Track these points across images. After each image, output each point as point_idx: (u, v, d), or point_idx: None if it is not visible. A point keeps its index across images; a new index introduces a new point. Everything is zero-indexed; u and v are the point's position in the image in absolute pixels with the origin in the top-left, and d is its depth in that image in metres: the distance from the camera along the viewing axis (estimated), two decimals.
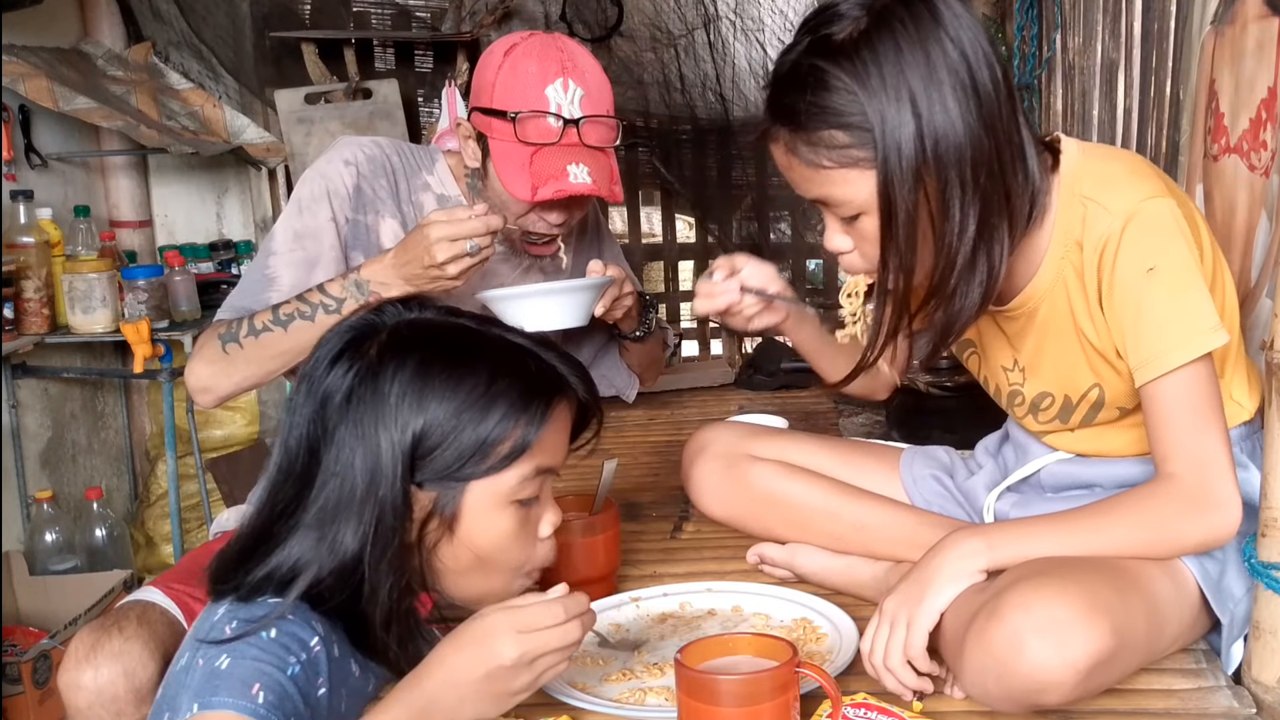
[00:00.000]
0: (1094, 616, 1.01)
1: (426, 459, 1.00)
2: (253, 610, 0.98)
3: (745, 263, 1.38)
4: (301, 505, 0.99)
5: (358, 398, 0.99)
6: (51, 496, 2.75)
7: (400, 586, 1.00)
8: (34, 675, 2.39)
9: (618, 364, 1.98)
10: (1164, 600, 1.12)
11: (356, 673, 1.05)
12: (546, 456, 1.05)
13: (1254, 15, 1.48)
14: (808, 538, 1.43)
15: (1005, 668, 1.01)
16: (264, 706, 0.92)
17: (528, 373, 1.04)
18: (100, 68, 3.07)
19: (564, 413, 1.07)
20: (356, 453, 0.98)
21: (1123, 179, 1.16)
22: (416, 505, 1.01)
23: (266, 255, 1.64)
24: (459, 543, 1.03)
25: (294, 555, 0.98)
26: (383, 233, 1.69)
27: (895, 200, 1.10)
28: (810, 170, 1.13)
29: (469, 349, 1.04)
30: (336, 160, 1.67)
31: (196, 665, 0.95)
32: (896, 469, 1.49)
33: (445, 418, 0.99)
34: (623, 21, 3.53)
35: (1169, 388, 1.12)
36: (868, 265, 1.19)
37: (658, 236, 4.12)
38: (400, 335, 1.03)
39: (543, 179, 1.54)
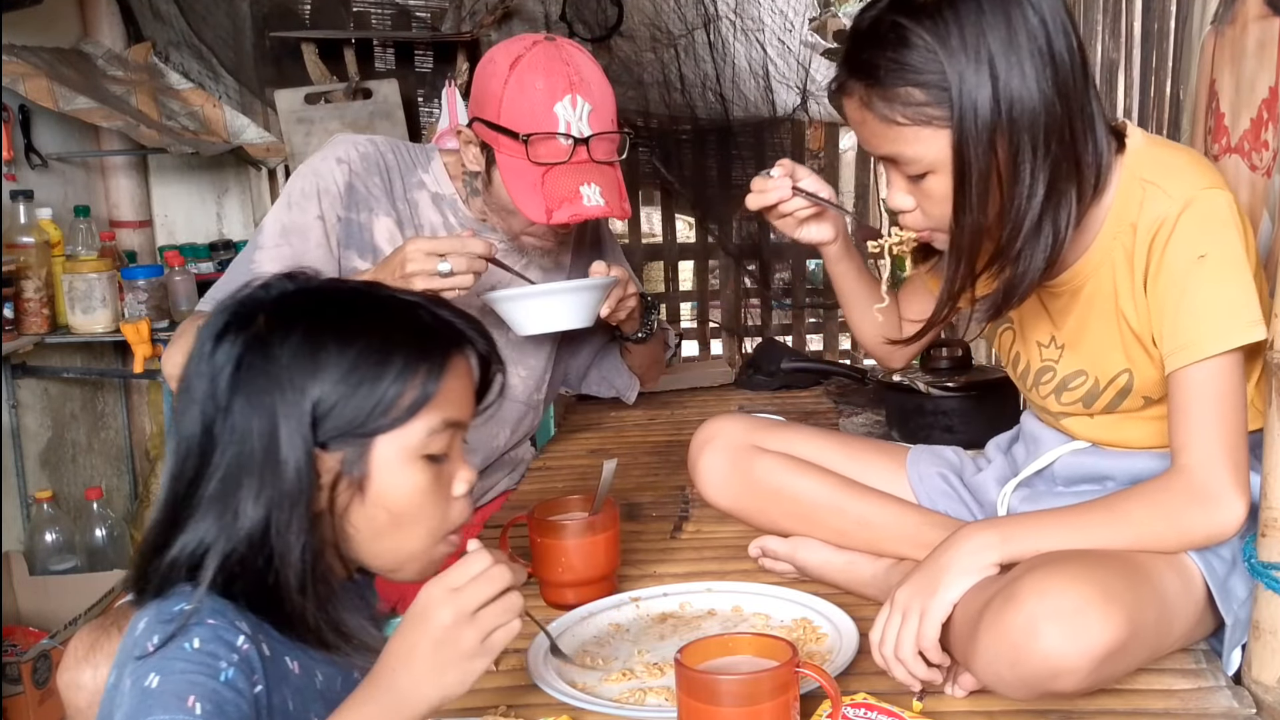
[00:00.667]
0: (1109, 605, 1.02)
1: (327, 418, 0.98)
2: (170, 607, 0.95)
3: (805, 171, 1.39)
4: (201, 483, 0.97)
5: (248, 365, 0.97)
6: (51, 496, 2.75)
7: (312, 548, 0.98)
8: (34, 675, 2.39)
9: (618, 366, 1.98)
10: (1172, 595, 1.13)
11: (296, 669, 1.02)
12: (452, 409, 1.04)
13: (1254, 15, 1.48)
14: (811, 532, 1.43)
15: (1020, 653, 1.02)
16: (203, 717, 0.90)
17: (422, 325, 1.03)
18: (100, 68, 3.07)
19: (464, 365, 1.06)
20: (252, 419, 0.96)
21: (1185, 167, 1.18)
22: (322, 468, 0.99)
23: (253, 249, 1.64)
24: (371, 503, 1.01)
25: (199, 535, 0.96)
26: (377, 231, 1.69)
27: (968, 160, 1.12)
28: (884, 126, 1.15)
29: (359, 308, 1.03)
30: (329, 158, 1.67)
31: (125, 685, 0.92)
32: (903, 466, 1.50)
33: (342, 375, 0.98)
34: (623, 21, 3.53)
35: (1198, 376, 1.14)
36: (929, 224, 1.21)
37: (658, 236, 4.12)
38: (288, 302, 1.02)
39: (556, 201, 1.54)
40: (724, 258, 3.96)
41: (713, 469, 1.48)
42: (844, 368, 2.77)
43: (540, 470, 2.06)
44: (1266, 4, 1.44)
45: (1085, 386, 1.30)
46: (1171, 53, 1.89)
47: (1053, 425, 1.39)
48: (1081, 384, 1.30)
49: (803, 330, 4.05)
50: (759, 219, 4.00)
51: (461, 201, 1.73)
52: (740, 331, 3.99)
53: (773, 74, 3.70)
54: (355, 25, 3.39)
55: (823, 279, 4.10)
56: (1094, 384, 1.29)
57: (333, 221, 1.65)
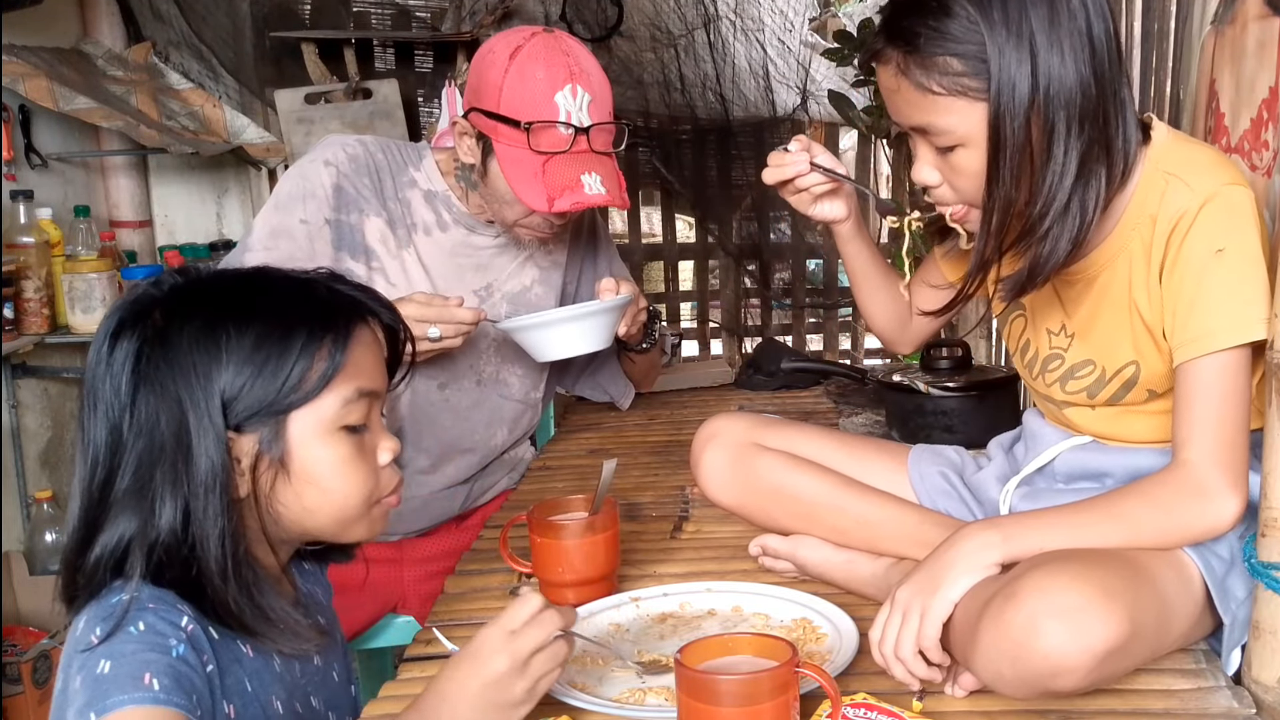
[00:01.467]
0: (1110, 604, 1.02)
1: (236, 400, 0.98)
2: (108, 600, 0.95)
3: (821, 148, 1.40)
4: (115, 482, 0.97)
5: (148, 359, 0.97)
6: (51, 496, 2.76)
7: (230, 534, 0.97)
8: (34, 675, 2.39)
9: (615, 373, 1.98)
10: (1171, 594, 1.13)
11: (249, 653, 1.03)
12: (364, 379, 1.04)
13: (1254, 15, 1.48)
14: (811, 530, 1.43)
15: (1021, 650, 1.02)
16: (163, 691, 0.90)
17: (320, 299, 1.04)
18: (100, 68, 3.07)
19: (369, 335, 1.07)
20: (159, 411, 0.96)
21: (1209, 163, 1.19)
22: (240, 452, 0.99)
23: (243, 251, 1.65)
24: (296, 479, 1.02)
25: (118, 530, 0.96)
26: (368, 231, 1.69)
27: (1003, 134, 1.13)
28: (918, 95, 1.15)
29: (254, 291, 1.03)
30: (316, 161, 1.67)
31: (75, 684, 0.91)
32: (904, 465, 1.50)
33: (246, 356, 0.98)
34: (623, 21, 3.54)
35: (1206, 369, 1.14)
36: (955, 199, 1.22)
37: (658, 236, 4.12)
38: (181, 294, 1.02)
39: (558, 190, 1.54)
40: (724, 258, 3.96)
41: (714, 467, 1.48)
42: (844, 368, 2.76)
43: (540, 470, 2.06)
44: (1266, 4, 1.44)
45: (1092, 376, 1.30)
46: (1171, 53, 1.89)
47: (1055, 419, 1.39)
48: (1089, 373, 1.30)
49: (803, 330, 4.05)
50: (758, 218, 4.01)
51: (455, 198, 1.73)
52: (740, 331, 3.99)
53: (773, 74, 3.70)
54: (355, 25, 3.39)
55: (823, 279, 4.10)
56: (1100, 374, 1.29)
57: (318, 225, 1.65)
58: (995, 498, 1.41)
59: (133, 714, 0.88)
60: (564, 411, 2.51)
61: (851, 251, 1.49)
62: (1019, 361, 1.42)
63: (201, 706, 0.94)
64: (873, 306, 1.54)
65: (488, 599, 1.44)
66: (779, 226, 3.93)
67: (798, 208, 1.41)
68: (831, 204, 1.41)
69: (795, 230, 3.92)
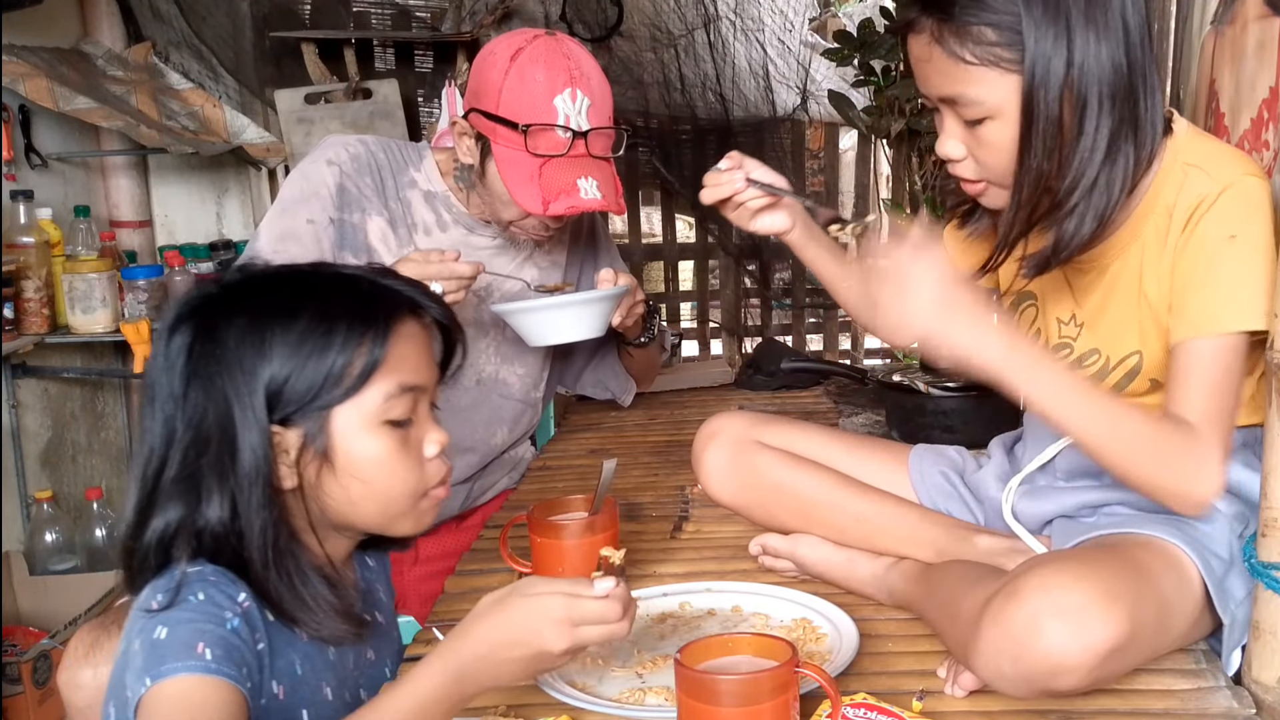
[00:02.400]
0: (1111, 604, 1.02)
1: (280, 394, 1.00)
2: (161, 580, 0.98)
3: (755, 162, 1.41)
4: (166, 470, 1.00)
5: (197, 354, 1.00)
6: (51, 496, 2.75)
7: (271, 525, 1.00)
8: (34, 675, 2.39)
9: (616, 369, 1.98)
10: (1171, 594, 1.13)
11: (304, 638, 1.04)
12: (408, 374, 1.05)
13: (1254, 15, 1.48)
14: (811, 528, 1.43)
15: (1023, 649, 1.02)
16: (214, 661, 0.92)
17: (362, 293, 1.05)
18: (100, 68, 3.07)
19: (414, 329, 1.07)
20: (206, 405, 0.99)
21: (1230, 156, 1.22)
22: (285, 444, 1.01)
23: (251, 256, 1.65)
24: (341, 472, 1.03)
25: (167, 518, 0.99)
26: (370, 231, 1.69)
27: (1036, 108, 1.14)
28: (950, 64, 1.16)
29: (300, 285, 1.06)
30: (319, 160, 1.67)
31: (134, 645, 0.95)
32: (905, 465, 1.50)
33: (289, 351, 1.00)
34: (623, 21, 3.53)
35: (1205, 350, 1.15)
36: (978, 174, 1.22)
37: (658, 236, 4.11)
38: (231, 289, 1.05)
39: (554, 193, 1.55)
40: (724, 258, 3.96)
41: (716, 464, 1.48)
42: (844, 368, 2.77)
43: (540, 470, 2.06)
44: (1266, 4, 1.44)
45: (1096, 366, 1.30)
46: (1171, 53, 1.89)
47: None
48: (1094, 363, 1.31)
49: (803, 330, 4.05)
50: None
51: (455, 198, 1.73)
52: (740, 331, 3.99)
53: (773, 74, 3.70)
54: (355, 25, 3.39)
55: None
56: (1105, 364, 1.29)
57: (324, 224, 1.65)
58: (996, 497, 1.41)
59: (185, 681, 0.91)
60: (564, 411, 2.51)
61: (810, 257, 1.49)
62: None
63: (250, 680, 0.96)
64: (854, 304, 1.53)
65: None
66: None
67: (738, 224, 1.42)
68: (773, 217, 1.42)
69: None
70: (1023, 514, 1.37)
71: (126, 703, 0.93)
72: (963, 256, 1.46)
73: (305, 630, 1.04)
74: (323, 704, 1.06)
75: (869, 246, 1.19)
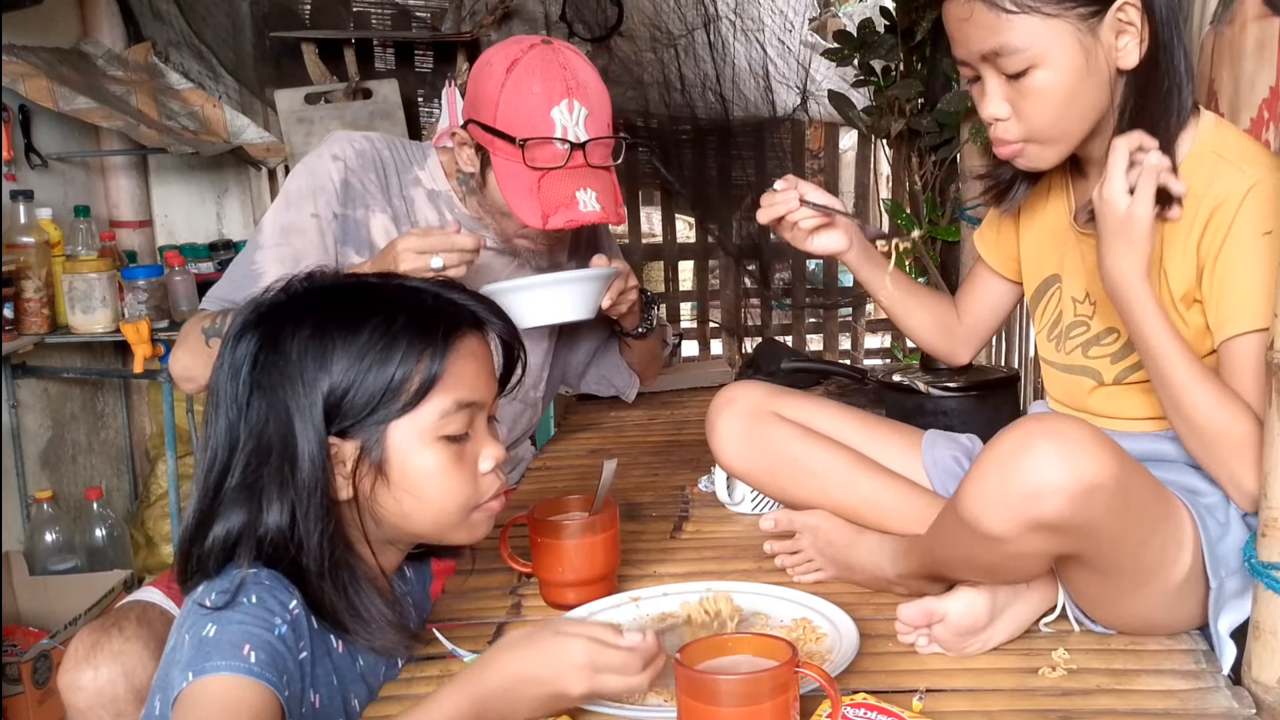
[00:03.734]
0: (1104, 449, 1.05)
1: (339, 408, 1.02)
2: (219, 582, 1.00)
3: (810, 185, 1.44)
4: (228, 477, 1.02)
5: (262, 363, 1.01)
6: (51, 496, 2.75)
7: (328, 536, 1.01)
8: (34, 675, 2.39)
9: (618, 364, 1.98)
10: (1162, 511, 1.15)
11: (339, 648, 1.06)
12: (465, 390, 1.06)
13: (1254, 15, 1.48)
14: (820, 503, 1.43)
15: (1009, 466, 1.05)
16: (258, 665, 0.94)
17: (425, 308, 1.06)
18: (100, 68, 3.07)
19: (475, 345, 1.08)
20: (268, 415, 1.01)
21: (1259, 151, 1.23)
22: (342, 455, 1.02)
23: (254, 249, 1.65)
24: (395, 485, 1.05)
25: (229, 524, 1.01)
26: (373, 227, 1.69)
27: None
28: (992, 16, 1.18)
29: (365, 298, 1.07)
30: (325, 155, 1.67)
31: (184, 639, 0.96)
32: (918, 448, 1.51)
33: (349, 364, 1.01)
34: (623, 21, 3.53)
35: (1251, 346, 1.16)
36: (1020, 133, 1.24)
37: (658, 236, 4.12)
38: (297, 298, 1.06)
39: (553, 207, 1.54)
40: (724, 258, 3.96)
41: (730, 431, 1.49)
42: (844, 368, 2.76)
43: (540, 470, 2.06)
44: (1266, 4, 1.45)
45: (1115, 345, 1.32)
46: None
47: (1066, 402, 1.39)
48: (1111, 341, 1.32)
49: (803, 330, 4.05)
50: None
51: (458, 199, 1.73)
52: (740, 331, 3.99)
53: (773, 74, 3.70)
54: (355, 25, 3.39)
55: (823, 279, 4.10)
56: (1124, 342, 1.30)
57: (328, 219, 1.65)
58: None
59: (226, 681, 0.92)
60: (564, 411, 2.51)
61: (865, 277, 1.52)
62: (1044, 339, 1.43)
63: (290, 688, 0.97)
64: (911, 323, 1.57)
65: (488, 599, 1.44)
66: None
67: (795, 244, 1.46)
68: (829, 236, 1.45)
69: None
70: None
71: (170, 695, 0.94)
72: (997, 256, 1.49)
73: (359, 641, 1.05)
74: (353, 714, 1.08)
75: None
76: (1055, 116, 1.22)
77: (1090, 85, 1.20)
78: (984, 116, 1.25)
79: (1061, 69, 1.19)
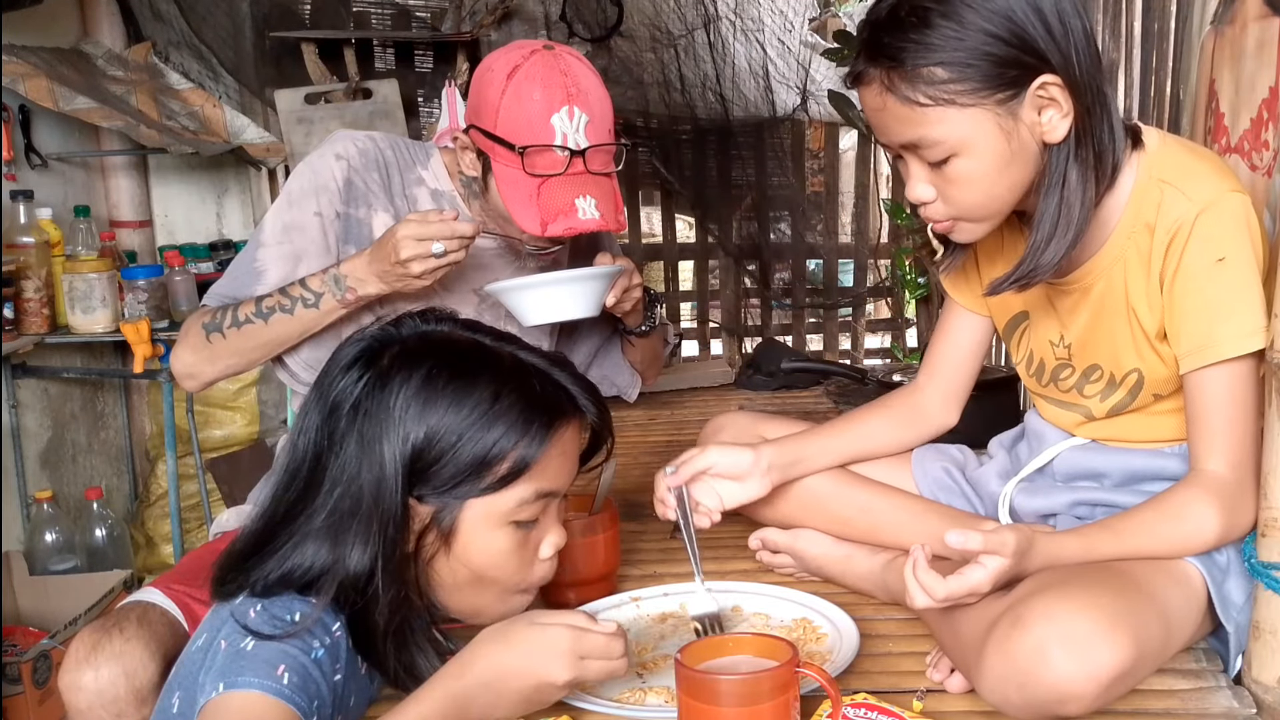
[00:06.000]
0: (1116, 630, 1.02)
1: (426, 473, 1.01)
2: (274, 607, 0.99)
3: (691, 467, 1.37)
4: (306, 510, 1.01)
5: (364, 409, 1.00)
6: (51, 496, 2.75)
7: (400, 597, 1.02)
8: (34, 675, 2.39)
9: (620, 363, 1.98)
10: (1175, 609, 1.14)
11: (363, 670, 1.06)
12: (548, 480, 1.05)
13: (1254, 15, 1.48)
14: (814, 519, 1.43)
15: (1028, 677, 1.01)
16: (289, 688, 0.93)
17: (532, 392, 1.04)
18: (100, 68, 3.07)
19: (570, 435, 1.07)
20: (362, 464, 0.99)
21: (1206, 171, 1.19)
22: (416, 517, 1.02)
23: (255, 247, 1.65)
24: (455, 558, 1.04)
25: (308, 560, 1.00)
26: (375, 227, 1.69)
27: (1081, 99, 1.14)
28: (906, 110, 1.14)
29: (477, 365, 1.04)
30: (328, 154, 1.67)
31: (219, 646, 0.96)
32: (907, 461, 1.51)
33: (446, 432, 1.00)
34: (623, 21, 3.53)
35: (1215, 380, 1.16)
36: (947, 213, 1.21)
37: (658, 236, 4.12)
38: (411, 347, 1.04)
39: (552, 214, 1.54)
40: (724, 258, 3.96)
41: None
42: (844, 368, 2.77)
43: None
44: (1266, 4, 1.44)
45: (1102, 382, 1.31)
46: (1171, 53, 1.89)
47: (1055, 420, 1.39)
48: (1099, 378, 1.31)
49: (803, 330, 4.05)
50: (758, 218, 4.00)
51: (461, 200, 1.73)
52: (740, 331, 3.99)
53: (773, 74, 3.70)
54: (355, 25, 3.39)
55: (823, 279, 4.10)
56: (1110, 379, 1.30)
57: (330, 218, 1.65)
58: (996, 492, 1.42)
59: (255, 699, 0.92)
60: None
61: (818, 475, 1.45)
62: (1024, 371, 1.42)
63: (319, 714, 0.96)
64: (879, 442, 1.50)
65: None
66: (779, 226, 3.93)
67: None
68: (743, 487, 1.39)
69: (795, 230, 3.92)
70: (1021, 509, 1.38)
71: (195, 698, 0.93)
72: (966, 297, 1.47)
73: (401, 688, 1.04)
74: None
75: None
76: (981, 199, 1.18)
77: (1016, 164, 1.16)
78: (909, 198, 1.22)
79: (984, 156, 1.15)
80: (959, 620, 1.14)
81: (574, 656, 0.99)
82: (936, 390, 1.50)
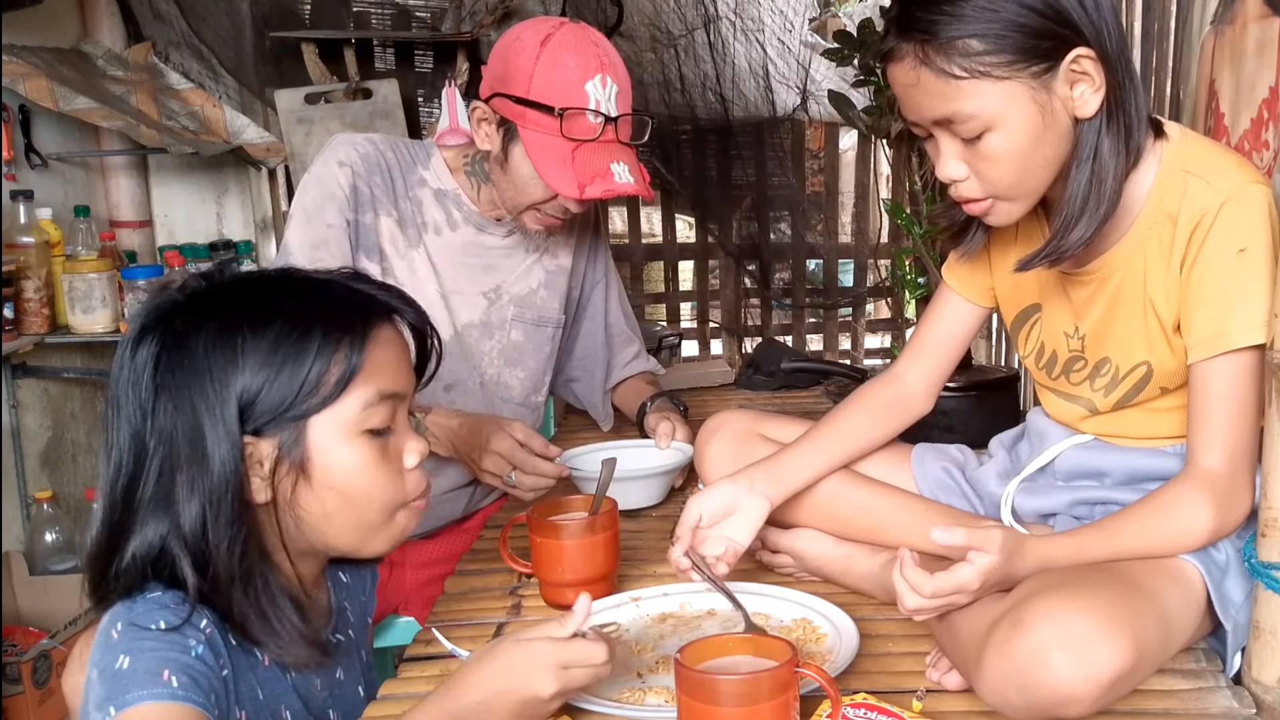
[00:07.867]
0: (1116, 631, 1.02)
1: (254, 404, 0.97)
2: (137, 618, 0.95)
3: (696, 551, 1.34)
4: (139, 487, 0.97)
5: (165, 365, 0.97)
6: (51, 496, 2.76)
7: (239, 542, 0.97)
8: (34, 675, 2.39)
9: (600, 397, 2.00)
10: (1174, 609, 1.13)
11: (265, 661, 1.03)
12: (386, 381, 1.02)
13: (1254, 15, 1.48)
14: (813, 519, 1.43)
15: (1029, 680, 1.01)
16: (181, 689, 0.90)
17: (337, 300, 1.02)
18: (100, 68, 3.07)
19: (391, 336, 1.05)
20: (176, 418, 0.96)
21: (1230, 163, 1.20)
22: (259, 456, 0.98)
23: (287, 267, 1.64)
24: (318, 484, 1.00)
25: (148, 537, 0.96)
26: (381, 231, 1.69)
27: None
28: (940, 83, 1.14)
29: (272, 293, 1.02)
30: (331, 163, 1.66)
31: (93, 676, 0.92)
32: (907, 461, 1.50)
33: (262, 360, 0.97)
34: (623, 21, 3.54)
35: (1222, 370, 1.15)
36: (982, 191, 1.20)
37: (658, 236, 4.12)
38: (200, 298, 1.01)
39: (589, 177, 1.56)
40: (724, 258, 3.96)
41: (716, 457, 1.49)
42: (844, 368, 2.76)
43: None
44: (1266, 4, 1.44)
45: (1109, 375, 1.31)
46: (1171, 53, 1.89)
47: (1061, 420, 1.39)
48: (1108, 371, 1.31)
49: (803, 330, 4.05)
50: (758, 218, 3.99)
51: (465, 196, 1.73)
52: (740, 331, 3.99)
53: (773, 74, 3.70)
54: (355, 25, 3.39)
55: (823, 279, 4.10)
56: (1115, 372, 1.30)
57: (343, 227, 1.66)
58: (996, 492, 1.42)
59: (151, 709, 0.89)
60: (564, 411, 2.51)
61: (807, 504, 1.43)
62: (1032, 363, 1.42)
63: (219, 707, 0.94)
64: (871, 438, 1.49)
65: (488, 599, 1.44)
66: (779, 226, 3.93)
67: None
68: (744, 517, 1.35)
69: (795, 230, 3.92)
70: (1022, 509, 1.38)
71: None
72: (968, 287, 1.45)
73: (268, 654, 1.02)
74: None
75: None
76: (1016, 176, 1.18)
77: (1050, 139, 1.16)
78: (940, 177, 1.21)
79: (1018, 130, 1.14)
80: (958, 622, 1.14)
81: (558, 668, 0.98)
82: (918, 376, 1.49)
